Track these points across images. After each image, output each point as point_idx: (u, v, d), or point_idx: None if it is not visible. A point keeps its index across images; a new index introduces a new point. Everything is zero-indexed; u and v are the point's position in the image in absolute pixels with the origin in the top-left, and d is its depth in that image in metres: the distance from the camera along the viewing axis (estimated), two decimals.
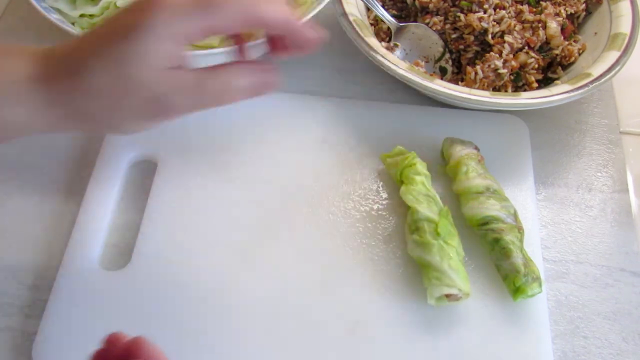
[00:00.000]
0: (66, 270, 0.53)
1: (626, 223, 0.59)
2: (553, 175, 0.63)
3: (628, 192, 0.62)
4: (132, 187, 0.59)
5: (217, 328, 0.51)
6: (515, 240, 0.53)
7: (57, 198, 0.59)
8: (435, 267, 0.51)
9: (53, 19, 0.59)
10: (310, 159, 0.61)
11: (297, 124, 0.63)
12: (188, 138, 0.61)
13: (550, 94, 0.60)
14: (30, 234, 0.57)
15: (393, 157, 0.59)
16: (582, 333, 0.53)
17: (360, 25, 0.65)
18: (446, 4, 0.67)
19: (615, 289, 0.55)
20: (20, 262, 0.55)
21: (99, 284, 0.52)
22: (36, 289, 0.53)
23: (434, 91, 0.60)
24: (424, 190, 0.55)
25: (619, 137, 0.66)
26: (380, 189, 0.59)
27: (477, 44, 0.66)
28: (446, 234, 0.52)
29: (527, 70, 0.65)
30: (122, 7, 0.46)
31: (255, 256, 0.54)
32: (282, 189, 0.58)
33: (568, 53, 0.66)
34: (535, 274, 0.51)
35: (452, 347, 0.50)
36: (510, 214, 0.54)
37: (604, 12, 0.68)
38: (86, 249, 0.54)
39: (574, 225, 0.59)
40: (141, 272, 0.53)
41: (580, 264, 0.57)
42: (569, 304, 0.54)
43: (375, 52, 0.62)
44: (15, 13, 0.74)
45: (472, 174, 0.56)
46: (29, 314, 0.52)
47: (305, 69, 0.69)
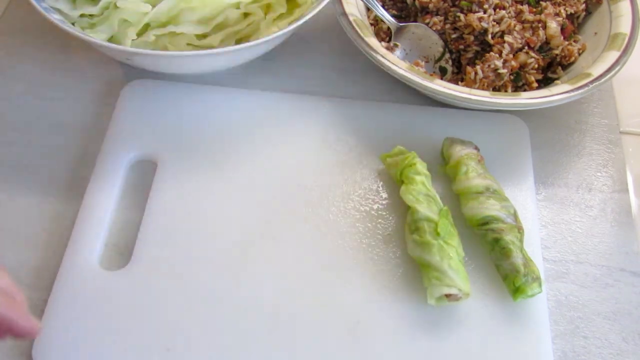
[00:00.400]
0: (66, 270, 0.53)
1: (626, 223, 0.59)
2: (553, 175, 0.63)
3: (628, 192, 0.62)
4: (132, 187, 0.59)
5: (217, 328, 0.51)
6: (515, 240, 0.53)
7: (57, 198, 0.59)
8: (435, 267, 0.51)
9: (53, 19, 0.59)
10: (310, 159, 0.61)
11: (297, 124, 0.63)
12: (188, 138, 0.61)
13: (550, 94, 0.60)
14: (30, 234, 0.57)
15: (393, 157, 0.59)
16: (582, 333, 0.53)
17: (360, 25, 0.65)
18: (446, 4, 0.67)
19: (615, 289, 0.55)
20: (20, 262, 0.55)
21: (99, 284, 0.52)
22: (36, 289, 0.53)
23: (434, 91, 0.60)
24: (424, 190, 0.55)
25: (619, 137, 0.66)
26: (380, 189, 0.59)
27: (477, 44, 0.66)
28: (446, 234, 0.52)
29: (527, 70, 0.65)
30: None
31: (255, 256, 0.54)
32: (282, 189, 0.58)
33: (568, 53, 0.66)
34: (535, 274, 0.52)
35: (452, 347, 0.50)
36: (510, 214, 0.54)
37: (604, 12, 0.68)
38: (86, 249, 0.54)
39: (574, 225, 0.59)
40: (141, 272, 0.53)
41: (580, 264, 0.57)
42: (569, 304, 0.54)
43: (375, 52, 0.62)
44: (15, 13, 0.74)
45: (472, 174, 0.56)
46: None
47: (305, 69, 0.69)
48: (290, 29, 0.61)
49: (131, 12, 0.62)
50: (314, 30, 0.72)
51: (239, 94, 0.65)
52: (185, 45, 0.64)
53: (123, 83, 0.66)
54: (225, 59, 0.63)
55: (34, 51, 0.70)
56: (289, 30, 0.61)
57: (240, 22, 0.65)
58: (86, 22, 0.64)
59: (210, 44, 0.64)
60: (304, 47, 0.71)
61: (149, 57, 0.61)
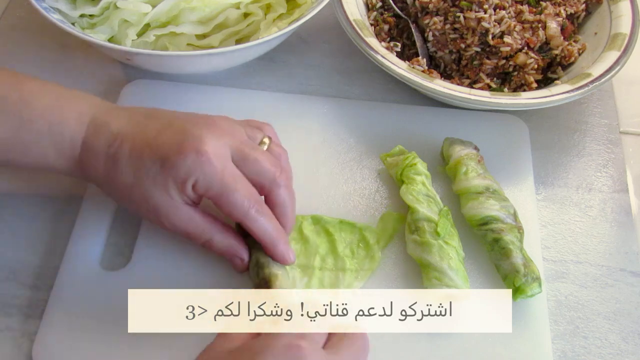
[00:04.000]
0: (66, 270, 0.53)
1: (626, 223, 0.59)
2: (553, 175, 0.63)
3: (628, 192, 0.62)
4: None
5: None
6: (515, 240, 0.53)
7: (57, 198, 0.59)
8: (435, 267, 0.51)
9: (53, 19, 0.59)
10: (310, 159, 0.61)
11: (297, 124, 0.63)
12: None
13: (550, 94, 0.60)
14: (30, 234, 0.57)
15: (393, 157, 0.59)
16: (582, 333, 0.53)
17: (360, 25, 0.65)
18: (446, 4, 0.67)
19: (615, 289, 0.55)
20: (20, 262, 0.55)
21: (99, 284, 0.52)
22: (36, 289, 0.53)
23: (434, 91, 0.60)
24: (424, 190, 0.55)
25: (618, 137, 0.66)
26: (380, 188, 0.59)
27: (477, 44, 0.66)
28: (446, 234, 0.52)
29: (527, 70, 0.65)
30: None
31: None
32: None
33: (568, 53, 0.66)
34: (535, 274, 0.51)
35: (452, 347, 0.50)
36: (510, 214, 0.54)
37: (604, 12, 0.68)
38: (86, 249, 0.54)
39: (574, 225, 0.59)
40: (141, 272, 0.53)
41: (580, 264, 0.57)
42: (568, 304, 0.54)
43: (376, 52, 0.62)
44: (15, 13, 0.74)
45: (471, 174, 0.56)
46: (29, 314, 0.52)
47: (305, 69, 0.70)
48: (290, 29, 0.61)
49: (131, 12, 0.62)
50: (314, 30, 0.72)
51: (239, 94, 0.65)
52: (185, 45, 0.64)
53: (123, 83, 0.66)
54: (225, 59, 0.63)
55: (34, 51, 0.70)
56: (289, 30, 0.61)
57: (240, 22, 0.65)
58: (86, 22, 0.64)
59: (210, 44, 0.64)
60: (304, 47, 0.72)
61: (149, 57, 0.61)
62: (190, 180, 0.47)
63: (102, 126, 0.49)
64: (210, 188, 0.47)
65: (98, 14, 0.64)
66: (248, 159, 0.48)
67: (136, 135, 0.48)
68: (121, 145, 0.48)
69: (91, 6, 0.64)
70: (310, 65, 0.70)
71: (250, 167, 0.48)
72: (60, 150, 0.49)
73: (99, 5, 0.63)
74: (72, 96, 0.51)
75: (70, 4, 0.64)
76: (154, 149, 0.47)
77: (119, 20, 0.63)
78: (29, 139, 0.48)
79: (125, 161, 0.48)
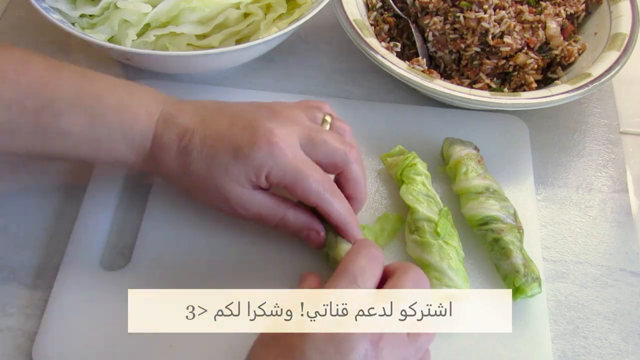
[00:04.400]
0: (66, 270, 0.53)
1: (626, 223, 0.59)
2: (553, 175, 0.63)
3: (628, 192, 0.62)
4: (133, 187, 0.59)
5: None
6: (515, 240, 0.53)
7: (57, 198, 0.59)
8: (435, 267, 0.51)
9: (53, 19, 0.59)
10: None
11: None
12: None
13: (550, 94, 0.60)
14: (30, 234, 0.57)
15: (393, 157, 0.59)
16: (582, 333, 0.53)
17: (360, 25, 0.65)
18: (446, 4, 0.67)
19: (615, 289, 0.55)
20: (20, 262, 0.55)
21: (99, 284, 0.52)
22: (36, 289, 0.53)
23: (434, 91, 0.60)
24: (424, 190, 0.55)
25: (618, 137, 0.66)
26: (380, 189, 0.59)
27: (477, 44, 0.66)
28: (446, 234, 0.52)
29: (527, 70, 0.65)
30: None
31: (255, 255, 0.54)
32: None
33: (568, 53, 0.66)
34: (535, 274, 0.51)
35: (452, 347, 0.50)
36: (510, 214, 0.54)
37: (603, 12, 0.68)
38: (86, 249, 0.54)
39: (574, 225, 0.59)
40: (141, 272, 0.53)
41: (580, 264, 0.57)
42: (568, 304, 0.54)
43: (376, 52, 0.62)
44: (15, 13, 0.74)
45: (471, 174, 0.56)
46: (29, 314, 0.52)
47: (306, 69, 0.70)
48: (290, 29, 0.61)
49: (131, 13, 0.62)
50: (314, 30, 0.72)
51: (239, 94, 0.65)
52: (185, 45, 0.64)
53: None
54: (225, 59, 0.63)
55: (34, 51, 0.70)
56: (289, 30, 0.61)
57: (240, 22, 0.65)
58: (86, 22, 0.64)
59: (210, 44, 0.64)
60: (304, 47, 0.72)
61: (148, 57, 0.61)
62: (264, 171, 0.48)
63: (171, 120, 0.50)
64: (284, 177, 0.48)
65: (98, 14, 0.64)
66: (317, 143, 0.50)
67: (207, 128, 0.49)
68: (192, 138, 0.49)
69: (91, 6, 0.64)
70: (310, 65, 0.70)
71: (320, 150, 0.50)
72: (130, 144, 0.50)
73: (99, 5, 0.63)
74: (140, 91, 0.51)
75: (70, 4, 0.64)
76: (225, 142, 0.49)
77: (119, 20, 0.63)
78: (101, 134, 0.49)
79: (197, 154, 0.49)
